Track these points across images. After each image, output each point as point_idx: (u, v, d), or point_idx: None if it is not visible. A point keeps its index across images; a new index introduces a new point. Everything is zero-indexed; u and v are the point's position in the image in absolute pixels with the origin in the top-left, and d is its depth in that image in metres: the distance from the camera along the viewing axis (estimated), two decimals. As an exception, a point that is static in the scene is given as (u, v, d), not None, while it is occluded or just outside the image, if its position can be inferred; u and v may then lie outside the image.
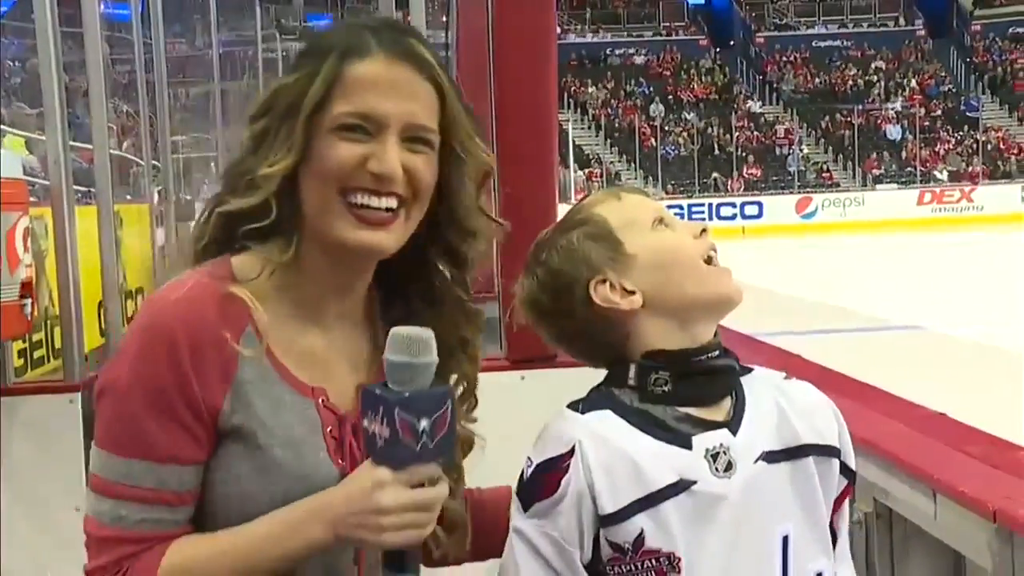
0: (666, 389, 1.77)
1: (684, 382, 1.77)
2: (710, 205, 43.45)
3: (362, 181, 1.68)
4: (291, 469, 1.68)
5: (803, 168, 49.33)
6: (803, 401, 1.85)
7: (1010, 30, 56.16)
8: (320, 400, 1.74)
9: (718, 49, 58.38)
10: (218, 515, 1.69)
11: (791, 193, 45.36)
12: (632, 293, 1.80)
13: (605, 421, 1.76)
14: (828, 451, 1.82)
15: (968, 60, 56.01)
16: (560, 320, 1.87)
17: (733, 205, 44.09)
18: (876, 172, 48.95)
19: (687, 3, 60.54)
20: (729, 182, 47.69)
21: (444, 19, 6.21)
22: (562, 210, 3.63)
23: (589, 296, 1.81)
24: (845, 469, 1.85)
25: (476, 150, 1.80)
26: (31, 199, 3.72)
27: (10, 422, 3.41)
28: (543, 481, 1.73)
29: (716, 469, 1.72)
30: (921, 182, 46.83)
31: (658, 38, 59.10)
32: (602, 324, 1.82)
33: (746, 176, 48.45)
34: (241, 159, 1.76)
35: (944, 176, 47.96)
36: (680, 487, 1.71)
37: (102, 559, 1.66)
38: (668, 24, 59.90)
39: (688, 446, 1.73)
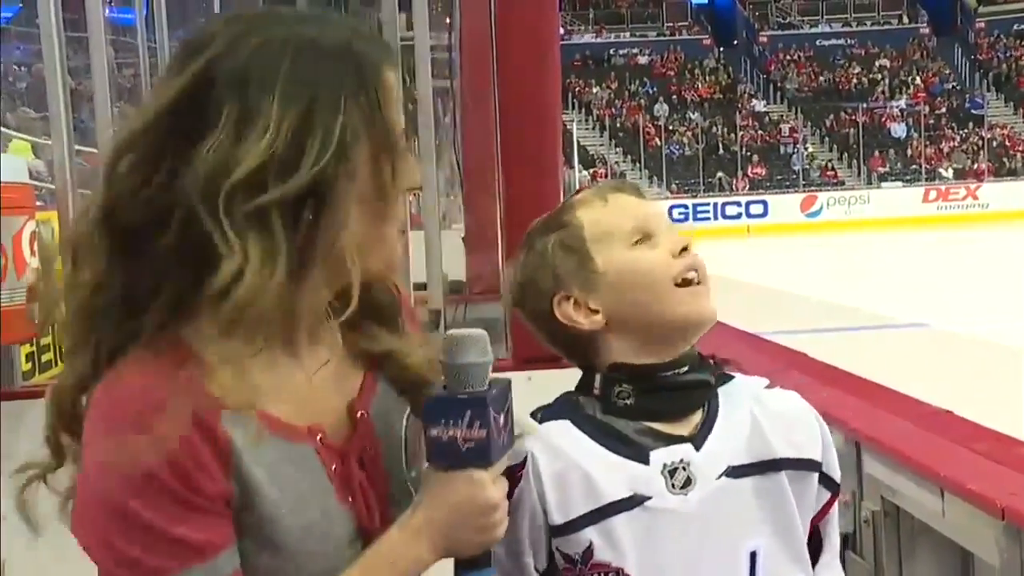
0: (629, 403, 1.74)
1: (648, 396, 1.74)
2: (715, 204, 43.51)
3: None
4: (307, 532, 1.54)
5: (808, 167, 49.29)
6: (781, 412, 1.79)
7: (1015, 27, 56.16)
8: (319, 438, 1.58)
9: (722, 48, 58.41)
10: None
11: (796, 192, 45.34)
12: (596, 312, 1.76)
13: (561, 431, 1.74)
14: (805, 465, 1.77)
15: (972, 57, 56.01)
16: (532, 318, 1.85)
17: (738, 204, 44.06)
18: (881, 170, 48.93)
19: (690, 3, 60.57)
20: (734, 181, 47.68)
21: (447, 21, 6.20)
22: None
23: (553, 309, 1.80)
24: (827, 481, 1.81)
25: None
26: (39, 203, 3.72)
27: (17, 425, 3.41)
28: None
29: (673, 485, 1.69)
30: (926, 180, 46.82)
31: (662, 38, 59.14)
32: (565, 333, 1.80)
33: (751, 175, 48.45)
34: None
35: (949, 174, 47.91)
36: (633, 502, 1.69)
37: None
38: (672, 24, 59.94)
39: (645, 461, 1.70)
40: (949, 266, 24.96)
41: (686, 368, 1.75)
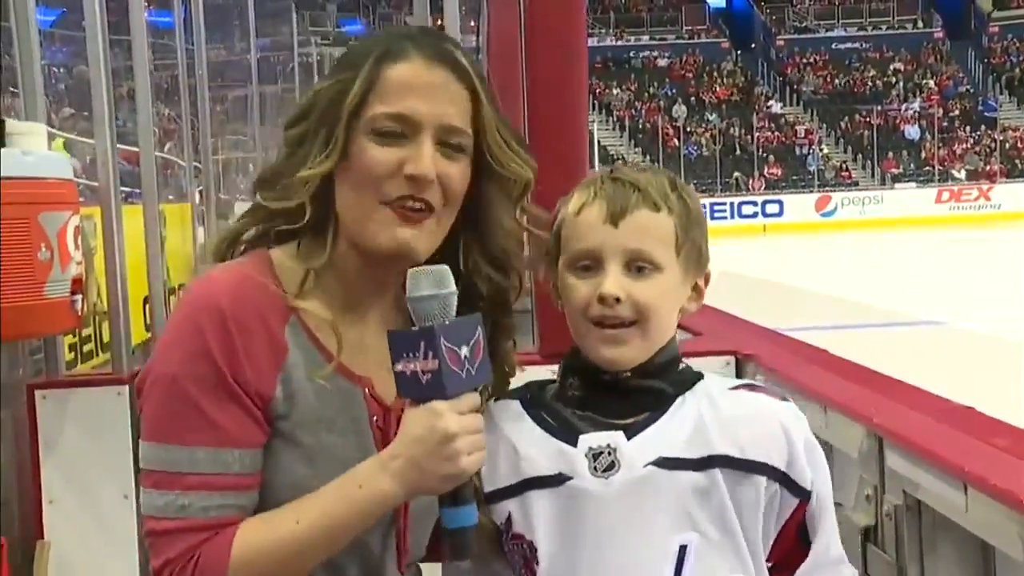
0: (577, 394, 1.77)
1: (593, 393, 1.76)
2: (732, 204, 43.46)
3: (398, 188, 1.69)
4: (338, 455, 1.67)
5: (823, 167, 49.14)
6: (734, 413, 1.76)
7: (1029, 31, 55.89)
8: (367, 390, 1.75)
9: (739, 51, 58.26)
10: (267, 506, 1.66)
11: (811, 192, 45.21)
12: (558, 298, 1.83)
13: (506, 409, 1.81)
14: (745, 466, 1.73)
15: (986, 61, 55.75)
16: None
17: (754, 204, 44.03)
18: (895, 171, 48.75)
19: (709, 7, 60.40)
20: (750, 181, 47.54)
21: (473, 24, 6.24)
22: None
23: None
24: (792, 486, 1.76)
25: (509, 160, 1.79)
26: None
27: (62, 413, 3.48)
28: None
29: (595, 468, 1.70)
30: (939, 181, 46.61)
31: (681, 41, 59.01)
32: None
33: (767, 175, 48.30)
34: (279, 163, 1.77)
35: (962, 175, 47.70)
36: (555, 480, 1.71)
37: (171, 552, 1.61)
38: (690, 27, 59.80)
39: (573, 443, 1.72)
40: (962, 265, 24.87)
41: (629, 373, 1.75)
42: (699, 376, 1.81)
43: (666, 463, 1.70)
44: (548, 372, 3.37)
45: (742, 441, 1.73)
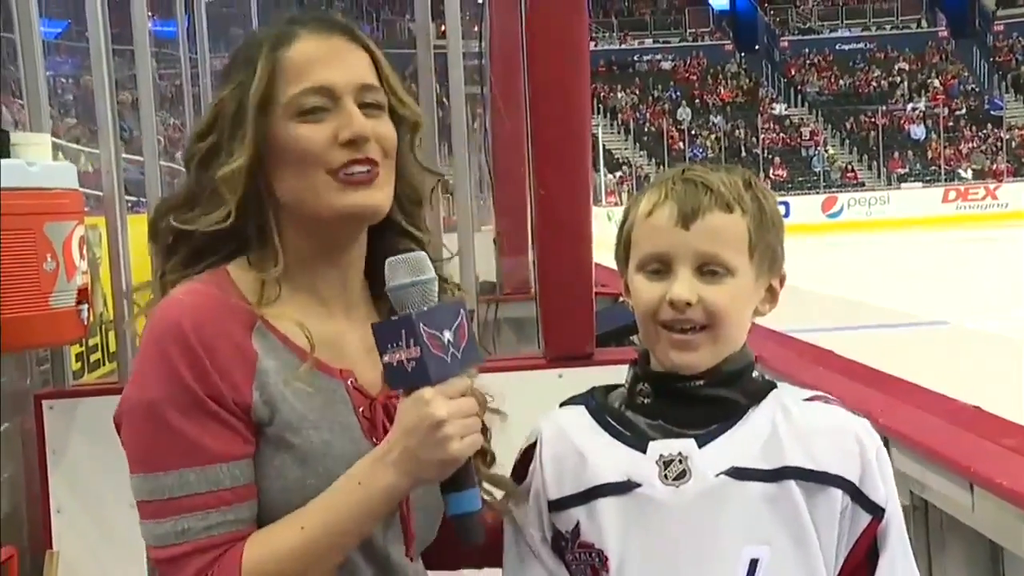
0: (647, 401, 1.74)
1: (664, 400, 1.73)
2: (737, 206, 43.41)
3: (340, 156, 1.69)
4: (329, 451, 1.67)
5: (828, 168, 49.20)
6: (809, 424, 1.71)
7: (1034, 29, 55.88)
8: (349, 382, 1.74)
9: (743, 54, 58.40)
10: (266, 513, 1.66)
11: (817, 193, 45.31)
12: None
13: (572, 416, 1.78)
14: (820, 478, 1.67)
15: (991, 59, 55.77)
16: None
17: (760, 205, 43.95)
18: (900, 171, 48.81)
19: (712, 9, 60.50)
20: (755, 183, 47.55)
21: (476, 29, 6.24)
22: (595, 212, 3.68)
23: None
24: (864, 502, 1.70)
25: (408, 107, 1.81)
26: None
27: (69, 423, 3.48)
28: (517, 468, 1.82)
29: (666, 476, 1.66)
30: (945, 180, 46.62)
31: (684, 44, 59.19)
32: None
33: (772, 177, 48.35)
34: (191, 184, 1.76)
35: (968, 174, 47.72)
36: (624, 487, 1.68)
37: None
38: (694, 30, 59.97)
39: (643, 449, 1.69)
40: (969, 265, 24.86)
41: (702, 382, 1.71)
42: (772, 385, 1.76)
43: (738, 473, 1.66)
44: (553, 376, 3.41)
45: (816, 453, 1.68)
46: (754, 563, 1.65)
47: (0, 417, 3.45)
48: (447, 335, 1.59)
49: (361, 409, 1.74)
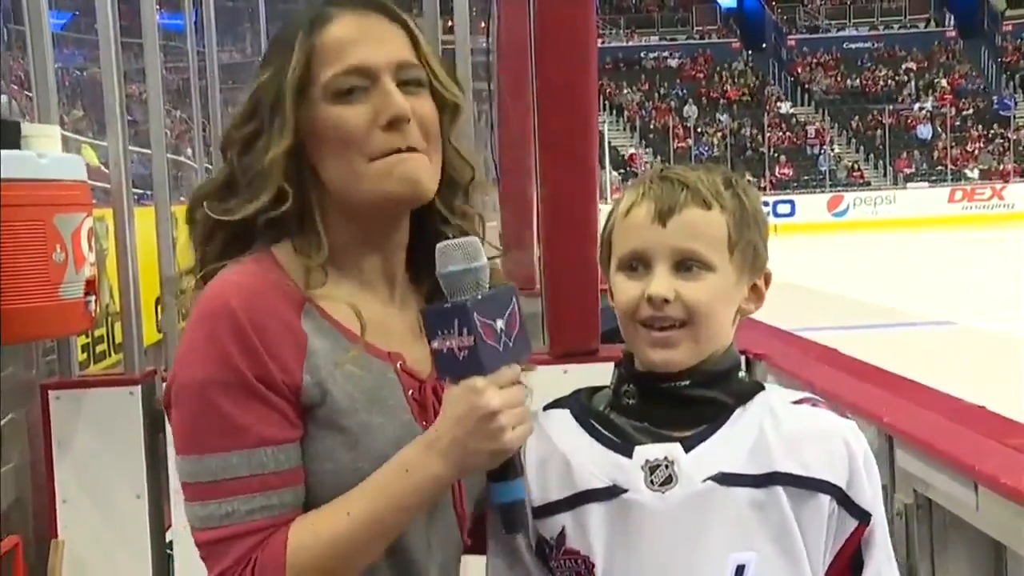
0: (632, 402, 1.71)
1: (649, 401, 1.70)
2: (743, 204, 43.39)
3: (382, 143, 1.66)
4: (379, 434, 1.65)
5: (834, 167, 49.15)
6: (798, 428, 1.68)
7: (1042, 29, 55.80)
8: (399, 364, 1.72)
9: (750, 52, 58.34)
10: (315, 496, 1.64)
11: (823, 192, 45.28)
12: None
13: (557, 419, 1.74)
14: (809, 484, 1.66)
15: (999, 59, 55.68)
16: None
17: (766, 204, 43.06)
18: (907, 171, 48.75)
19: (720, 7, 60.47)
20: (762, 181, 47.53)
21: (483, 26, 6.24)
22: (601, 209, 3.69)
23: None
24: (852, 508, 1.69)
25: (449, 87, 1.76)
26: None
27: (75, 413, 3.50)
28: None
29: (652, 481, 1.64)
30: (952, 180, 46.57)
31: (691, 41, 59.16)
32: None
33: (778, 175, 48.35)
34: (230, 170, 1.74)
35: (975, 174, 47.65)
36: (611, 493, 1.65)
37: (226, 561, 1.59)
38: (701, 28, 59.96)
39: (629, 454, 1.66)
40: (975, 265, 24.84)
41: (687, 382, 1.68)
42: (759, 387, 1.74)
43: (725, 479, 1.64)
44: (558, 372, 3.41)
45: (805, 459, 1.66)
46: (740, 569, 1.64)
47: (0, 409, 3.47)
48: (500, 324, 1.56)
49: (411, 392, 1.71)
